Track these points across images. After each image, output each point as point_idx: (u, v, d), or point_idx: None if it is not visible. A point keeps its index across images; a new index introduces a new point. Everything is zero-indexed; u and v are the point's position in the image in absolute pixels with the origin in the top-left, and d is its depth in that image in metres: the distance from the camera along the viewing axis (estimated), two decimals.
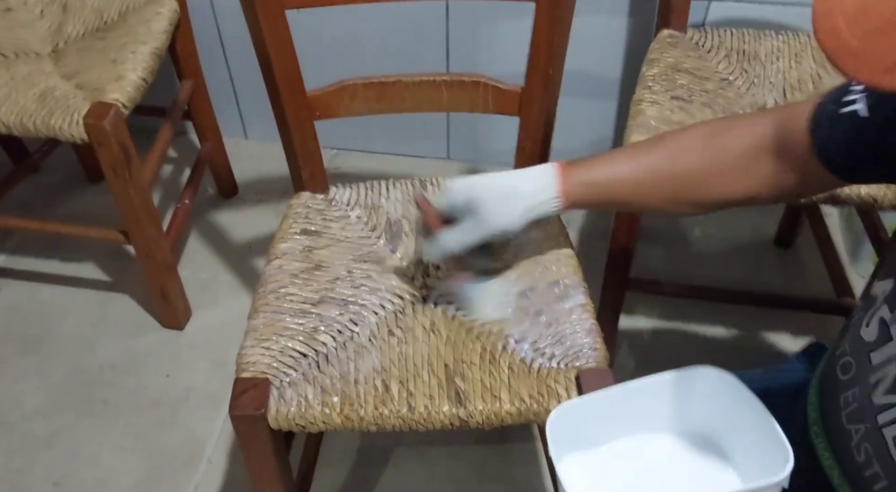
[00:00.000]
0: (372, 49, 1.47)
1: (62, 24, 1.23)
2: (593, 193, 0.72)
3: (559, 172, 0.72)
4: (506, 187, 0.72)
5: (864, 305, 0.59)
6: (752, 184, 0.67)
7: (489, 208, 0.71)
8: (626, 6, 1.35)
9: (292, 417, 0.76)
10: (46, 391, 1.28)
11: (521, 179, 0.73)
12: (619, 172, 0.72)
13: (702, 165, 0.69)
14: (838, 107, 0.59)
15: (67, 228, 1.33)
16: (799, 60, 1.14)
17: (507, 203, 0.72)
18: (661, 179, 0.70)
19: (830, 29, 0.41)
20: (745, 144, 0.67)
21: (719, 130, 0.69)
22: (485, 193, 0.72)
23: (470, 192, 0.72)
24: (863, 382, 0.56)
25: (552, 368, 0.78)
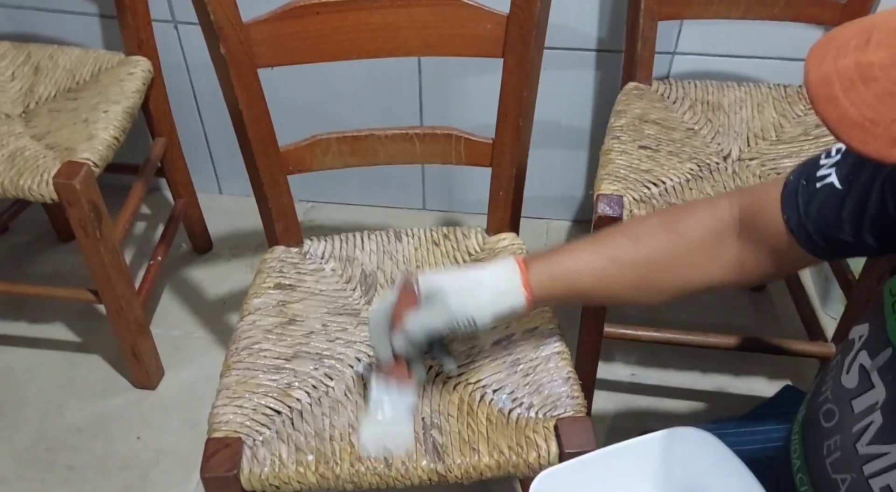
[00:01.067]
0: (346, 104, 1.49)
1: (34, 85, 1.24)
2: (556, 286, 0.70)
3: (519, 266, 0.71)
4: (468, 278, 0.71)
5: (842, 350, 0.59)
6: (715, 269, 0.66)
7: (454, 296, 0.69)
8: (593, 60, 1.39)
9: (266, 477, 0.73)
10: (10, 459, 1.23)
11: (482, 272, 0.71)
12: (580, 263, 0.70)
13: (663, 249, 0.68)
14: (812, 182, 0.58)
15: (35, 289, 1.30)
16: (761, 110, 1.18)
17: (471, 292, 0.70)
18: (623, 267, 0.69)
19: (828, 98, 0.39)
20: (706, 228, 0.66)
21: (679, 215, 0.69)
22: (448, 284, 0.70)
23: (434, 282, 0.71)
24: (845, 430, 0.56)
25: (530, 418, 0.78)
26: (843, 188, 0.56)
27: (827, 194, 0.57)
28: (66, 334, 1.43)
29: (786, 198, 0.60)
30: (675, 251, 0.67)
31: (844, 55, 0.40)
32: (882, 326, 0.54)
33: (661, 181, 1.04)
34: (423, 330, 0.69)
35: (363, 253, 0.97)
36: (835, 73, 0.40)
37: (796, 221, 0.59)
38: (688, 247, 0.67)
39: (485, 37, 0.83)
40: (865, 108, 0.38)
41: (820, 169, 0.58)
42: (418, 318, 0.69)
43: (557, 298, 0.72)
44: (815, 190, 0.58)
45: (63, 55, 1.28)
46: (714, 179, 1.06)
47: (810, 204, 0.58)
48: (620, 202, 0.99)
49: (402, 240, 0.99)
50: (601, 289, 0.70)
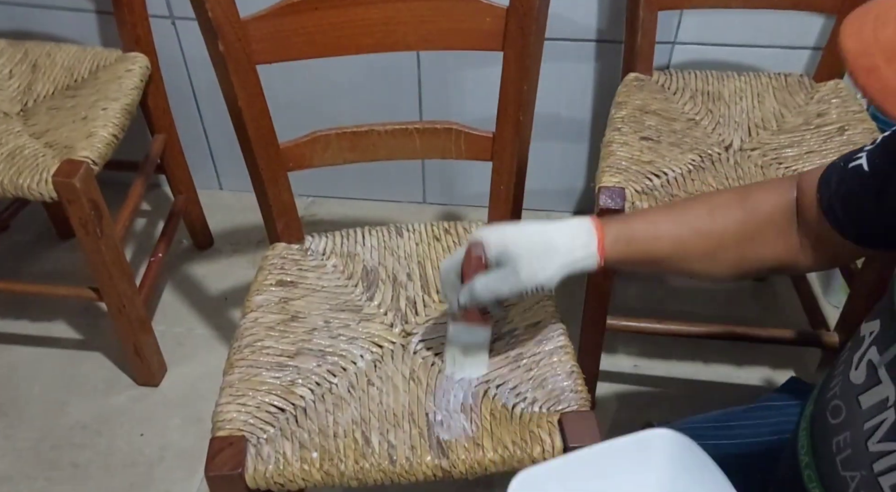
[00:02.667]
0: (345, 97, 1.49)
1: (31, 83, 1.23)
2: (632, 250, 0.69)
3: (597, 227, 0.69)
4: (542, 242, 0.69)
5: (852, 346, 0.59)
6: (780, 248, 0.66)
7: (525, 262, 0.68)
8: (593, 51, 1.38)
9: (270, 475, 0.74)
10: (14, 457, 1.24)
11: (557, 234, 0.69)
12: (658, 228, 0.70)
13: (737, 223, 0.67)
14: (846, 163, 0.58)
15: (36, 288, 1.30)
16: (761, 100, 1.18)
17: (544, 258, 0.68)
18: (699, 236, 0.68)
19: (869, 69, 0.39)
20: (774, 205, 0.66)
21: (749, 191, 0.69)
22: (520, 247, 0.68)
23: (505, 244, 0.69)
24: (854, 426, 0.55)
25: (534, 412, 0.77)
26: (869, 171, 0.56)
27: (853, 175, 0.57)
28: (67, 332, 1.43)
29: (823, 178, 0.60)
30: (749, 225, 0.67)
31: (885, 25, 0.40)
32: (892, 321, 0.53)
33: (663, 173, 1.04)
34: (491, 294, 0.69)
35: (364, 249, 0.97)
36: (875, 44, 0.39)
37: (827, 200, 0.59)
38: (758, 223, 0.66)
39: (484, 30, 0.82)
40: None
41: (860, 152, 0.58)
42: (486, 282, 0.69)
43: (630, 262, 0.71)
44: (846, 170, 0.58)
45: (61, 52, 1.27)
46: (716, 170, 1.06)
47: (841, 184, 0.58)
48: (622, 194, 0.99)
49: (404, 235, 0.99)
50: (675, 256, 0.69)
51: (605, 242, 0.69)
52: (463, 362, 0.81)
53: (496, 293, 0.69)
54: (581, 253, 0.68)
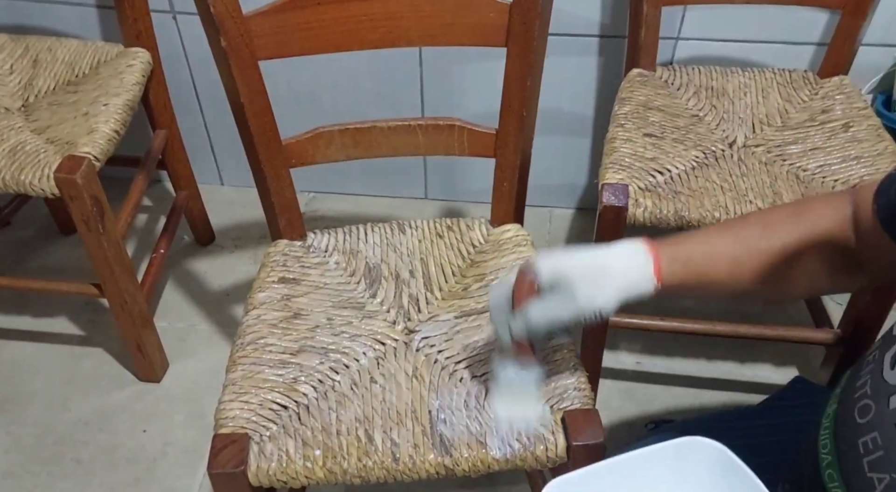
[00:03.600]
0: (347, 92, 1.48)
1: (32, 78, 1.23)
2: (689, 272, 0.66)
3: (651, 249, 0.66)
4: (597, 266, 0.66)
5: (882, 345, 0.57)
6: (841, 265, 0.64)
7: (583, 286, 0.65)
8: (596, 46, 1.37)
9: (273, 472, 0.73)
10: (17, 453, 1.24)
11: (612, 258, 0.67)
12: (714, 249, 0.67)
13: (795, 240, 0.64)
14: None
15: (38, 284, 1.30)
16: (766, 95, 1.17)
17: (599, 283, 0.65)
18: (756, 255, 0.66)
19: None
20: (830, 222, 0.64)
21: (804, 207, 0.67)
22: (575, 271, 0.66)
23: (558, 269, 0.66)
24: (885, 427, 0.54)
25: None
26: None
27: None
28: (69, 328, 1.43)
29: (881, 188, 0.58)
30: (804, 243, 0.64)
31: None
32: None
33: (667, 169, 1.04)
34: (547, 321, 0.66)
35: (367, 246, 0.97)
36: None
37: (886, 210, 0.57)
38: (816, 239, 0.64)
39: (488, 26, 0.82)
40: None
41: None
42: (542, 308, 0.66)
43: (686, 286, 0.68)
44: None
45: (61, 47, 1.27)
46: (720, 167, 1.05)
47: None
48: (626, 191, 0.99)
49: (406, 232, 0.98)
50: (732, 278, 0.66)
51: (661, 264, 0.66)
52: (513, 406, 0.76)
53: (553, 320, 0.66)
54: (637, 275, 0.66)
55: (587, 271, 0.66)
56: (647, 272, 0.65)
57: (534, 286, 0.67)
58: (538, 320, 0.66)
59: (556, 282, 0.66)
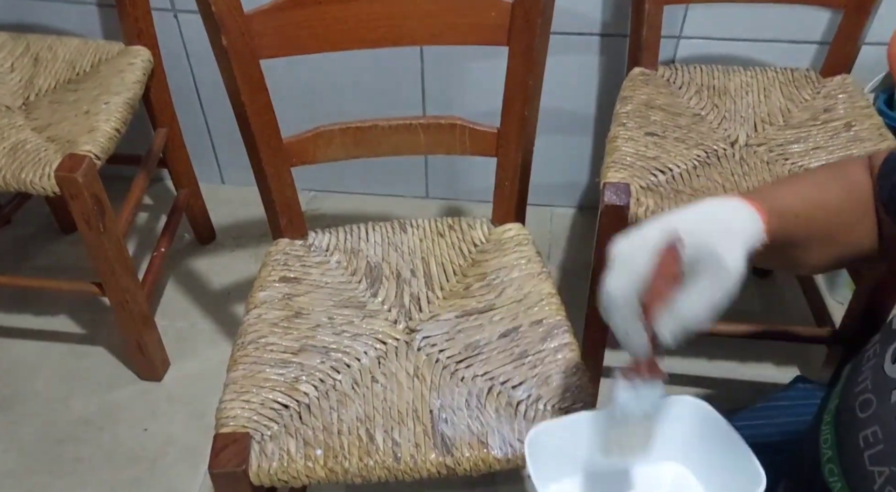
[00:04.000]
0: (347, 90, 1.48)
1: (33, 76, 1.22)
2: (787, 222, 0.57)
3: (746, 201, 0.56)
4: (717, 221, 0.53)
5: (883, 339, 0.57)
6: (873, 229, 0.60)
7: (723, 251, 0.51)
8: (597, 45, 1.37)
9: (274, 472, 0.73)
10: (18, 452, 1.24)
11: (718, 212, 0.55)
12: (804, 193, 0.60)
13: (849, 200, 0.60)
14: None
15: (39, 282, 1.30)
16: (768, 94, 1.17)
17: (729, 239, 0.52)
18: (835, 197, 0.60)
19: None
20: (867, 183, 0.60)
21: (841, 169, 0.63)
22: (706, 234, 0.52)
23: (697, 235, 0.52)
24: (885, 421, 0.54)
25: (539, 410, 0.77)
26: None
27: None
28: (70, 327, 1.43)
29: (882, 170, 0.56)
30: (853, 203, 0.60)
31: None
32: None
33: (669, 168, 1.03)
34: (707, 311, 0.50)
35: (368, 245, 0.97)
36: None
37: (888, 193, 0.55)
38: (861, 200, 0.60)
39: (489, 25, 0.82)
40: None
41: None
42: (694, 296, 0.50)
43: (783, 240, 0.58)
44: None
45: (62, 46, 1.27)
46: (722, 166, 1.05)
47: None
48: (627, 190, 0.99)
49: (407, 231, 0.98)
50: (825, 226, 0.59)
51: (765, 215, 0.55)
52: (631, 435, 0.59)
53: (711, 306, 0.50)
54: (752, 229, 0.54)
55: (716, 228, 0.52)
56: (760, 224, 0.54)
57: (678, 270, 0.50)
58: (696, 315, 0.50)
59: (701, 258, 0.51)
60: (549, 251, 1.54)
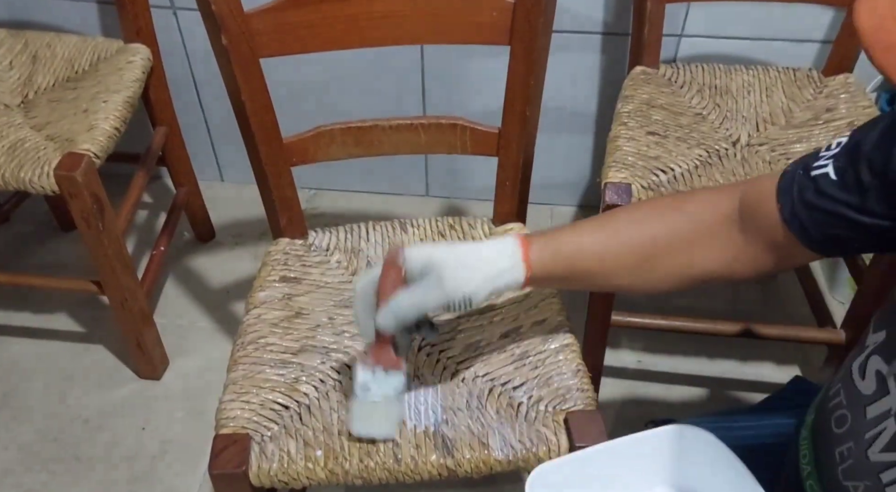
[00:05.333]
0: (348, 89, 1.47)
1: (32, 74, 1.22)
2: (558, 264, 0.67)
3: (522, 241, 0.67)
4: (466, 255, 0.67)
5: (857, 354, 0.58)
6: (716, 256, 0.64)
7: (450, 272, 0.65)
8: (599, 44, 1.37)
9: (274, 473, 0.73)
10: (16, 450, 1.24)
11: (482, 248, 0.68)
12: (584, 241, 0.68)
13: (668, 230, 0.65)
14: (807, 171, 0.57)
15: (38, 280, 1.30)
16: (770, 94, 1.16)
17: (468, 269, 0.66)
18: (627, 247, 0.67)
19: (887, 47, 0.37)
20: (712, 212, 0.64)
21: (686, 198, 0.68)
22: (444, 259, 0.66)
23: (429, 256, 0.66)
24: (858, 436, 0.55)
25: (540, 411, 0.77)
26: (837, 178, 0.55)
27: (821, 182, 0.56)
28: (69, 325, 1.42)
29: (782, 187, 0.59)
30: (680, 233, 0.65)
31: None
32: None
33: (670, 168, 1.03)
34: (416, 309, 0.66)
35: (368, 244, 0.96)
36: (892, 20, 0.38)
37: (790, 210, 0.58)
38: (692, 229, 0.65)
39: (491, 24, 0.81)
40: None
41: (818, 160, 0.57)
42: (410, 296, 0.66)
43: (556, 277, 0.69)
44: (810, 179, 0.57)
45: (61, 43, 1.26)
46: (723, 166, 1.05)
47: (805, 193, 0.57)
48: (628, 190, 0.98)
49: (408, 231, 0.98)
50: (600, 270, 0.67)
51: (531, 255, 0.66)
52: (371, 416, 0.73)
53: (420, 307, 0.66)
54: (506, 264, 0.66)
55: (457, 259, 0.66)
56: (516, 261, 0.66)
57: (401, 276, 0.67)
58: (405, 309, 0.65)
59: (425, 270, 0.66)
60: None
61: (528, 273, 0.67)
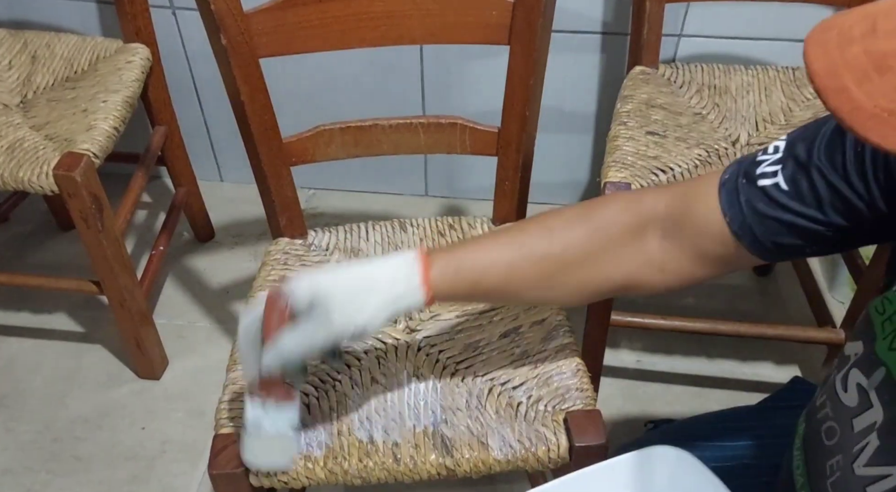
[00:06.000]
0: (347, 89, 1.47)
1: (31, 74, 1.22)
2: (460, 280, 0.64)
3: (421, 259, 0.63)
4: (359, 281, 0.62)
5: (838, 365, 0.58)
6: (632, 266, 0.62)
7: (339, 305, 0.60)
8: (598, 43, 1.37)
9: (274, 473, 0.73)
10: (16, 450, 1.24)
11: (377, 270, 0.63)
12: (488, 256, 0.64)
13: (578, 242, 0.63)
14: (752, 181, 0.55)
15: (37, 280, 1.30)
16: (769, 94, 1.16)
17: (360, 298, 0.61)
18: (533, 261, 0.64)
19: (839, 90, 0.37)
20: (626, 222, 0.62)
21: (597, 207, 0.65)
22: (333, 290, 0.61)
23: (315, 289, 0.61)
24: (846, 449, 0.54)
25: (539, 411, 0.77)
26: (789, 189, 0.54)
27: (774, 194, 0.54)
28: (69, 325, 1.42)
29: (725, 198, 0.56)
30: (591, 245, 0.63)
31: (850, 44, 0.38)
32: (873, 345, 0.52)
33: (669, 168, 1.03)
34: (301, 349, 0.61)
35: (368, 244, 0.96)
36: (843, 64, 0.37)
37: (740, 223, 0.56)
38: (604, 240, 0.62)
39: (490, 24, 0.81)
40: (882, 99, 0.36)
41: (759, 166, 0.55)
42: (294, 336, 0.61)
43: (460, 295, 0.67)
44: (758, 189, 0.55)
45: (60, 43, 1.26)
46: (722, 165, 1.04)
47: (755, 204, 0.55)
48: (628, 190, 0.98)
49: (407, 230, 0.98)
50: (508, 285, 0.65)
51: (432, 274, 0.62)
52: (268, 449, 0.70)
53: (307, 347, 0.61)
54: (402, 287, 0.62)
55: (347, 288, 0.61)
56: (414, 283, 0.62)
57: (285, 313, 0.61)
58: (291, 351, 0.61)
59: (312, 303, 0.61)
60: None
61: (428, 295, 0.63)
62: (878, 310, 0.53)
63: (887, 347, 0.51)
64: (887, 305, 0.52)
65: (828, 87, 0.37)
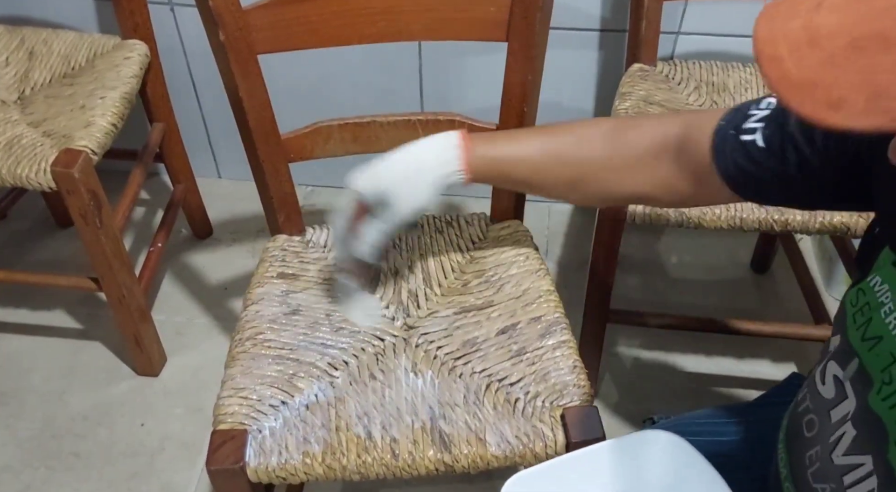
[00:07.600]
0: (345, 85, 1.47)
1: (28, 71, 1.22)
2: (493, 169, 0.74)
3: (462, 144, 0.73)
4: (409, 165, 0.73)
5: (820, 358, 0.59)
6: (646, 182, 0.69)
7: (396, 194, 0.73)
8: (596, 40, 1.37)
9: (272, 469, 0.73)
10: (15, 447, 1.24)
11: (424, 153, 0.74)
12: (522, 151, 0.74)
13: (604, 155, 0.70)
14: (738, 133, 0.60)
15: (35, 277, 1.30)
16: (767, 91, 1.16)
17: (414, 181, 0.73)
18: (562, 164, 0.72)
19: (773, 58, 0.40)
20: (649, 142, 0.68)
21: (627, 125, 0.71)
22: (390, 180, 0.73)
23: (376, 183, 0.74)
24: (824, 440, 0.55)
25: (537, 406, 0.77)
26: (765, 147, 0.58)
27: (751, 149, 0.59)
28: (67, 322, 1.42)
29: (716, 145, 0.61)
30: (613, 161, 0.70)
31: (794, 16, 0.40)
32: (847, 336, 0.53)
33: None
34: (378, 234, 0.76)
35: None
36: (782, 34, 0.40)
37: (724, 169, 0.61)
38: (625, 158, 0.69)
39: (488, 20, 0.81)
40: (807, 71, 0.38)
41: (748, 120, 0.59)
42: (375, 227, 0.76)
43: (493, 180, 0.78)
44: (740, 143, 0.59)
45: (58, 40, 1.26)
46: None
47: (736, 156, 0.60)
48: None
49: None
50: (536, 180, 0.74)
51: (471, 159, 0.73)
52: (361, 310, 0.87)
53: (382, 232, 0.76)
54: (447, 169, 0.73)
55: (400, 175, 0.73)
56: (456, 166, 0.73)
57: (364, 207, 0.76)
58: (376, 238, 0.76)
59: (378, 194, 0.74)
60: (546, 248, 1.54)
61: (467, 177, 0.74)
62: (852, 302, 0.54)
63: (860, 338, 0.52)
64: (860, 296, 0.53)
65: (764, 53, 0.40)
